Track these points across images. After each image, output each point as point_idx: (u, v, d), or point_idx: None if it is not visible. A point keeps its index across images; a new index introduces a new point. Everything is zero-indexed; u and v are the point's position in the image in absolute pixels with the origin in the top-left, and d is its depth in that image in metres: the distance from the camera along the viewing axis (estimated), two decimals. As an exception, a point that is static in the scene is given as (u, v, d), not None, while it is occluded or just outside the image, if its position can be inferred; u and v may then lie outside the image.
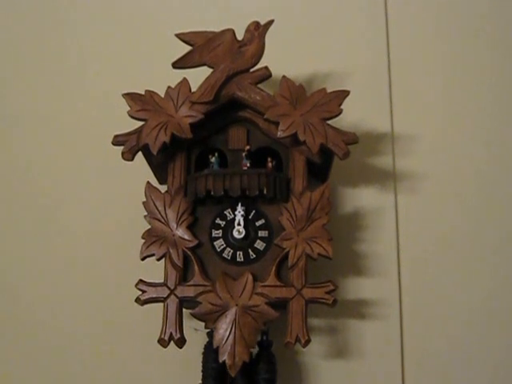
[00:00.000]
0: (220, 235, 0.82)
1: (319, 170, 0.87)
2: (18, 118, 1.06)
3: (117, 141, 0.82)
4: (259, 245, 0.81)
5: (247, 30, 0.86)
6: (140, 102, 0.83)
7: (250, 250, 0.81)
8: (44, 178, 1.02)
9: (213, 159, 0.84)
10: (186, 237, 0.81)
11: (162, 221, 0.82)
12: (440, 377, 0.92)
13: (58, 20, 1.11)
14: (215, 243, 0.82)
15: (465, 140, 1.01)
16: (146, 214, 0.82)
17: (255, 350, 0.81)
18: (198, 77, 0.84)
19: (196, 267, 0.80)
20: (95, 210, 0.99)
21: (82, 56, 1.08)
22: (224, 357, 0.76)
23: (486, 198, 0.98)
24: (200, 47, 0.85)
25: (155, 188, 0.83)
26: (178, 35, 0.85)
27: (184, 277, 0.80)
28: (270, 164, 0.83)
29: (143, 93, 0.84)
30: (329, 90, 0.84)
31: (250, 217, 0.82)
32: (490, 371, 0.92)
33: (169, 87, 0.84)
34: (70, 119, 1.04)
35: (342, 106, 0.82)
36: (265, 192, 0.80)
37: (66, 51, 1.08)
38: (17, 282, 0.97)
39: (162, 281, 0.80)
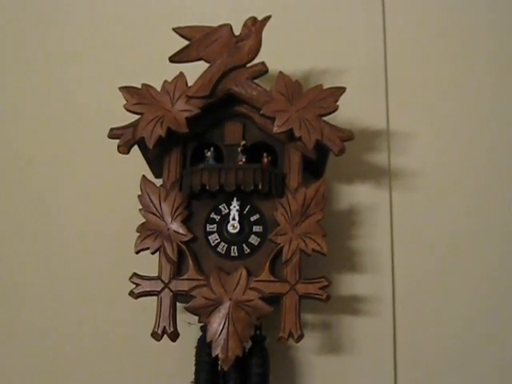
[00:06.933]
0: (215, 230, 0.82)
1: (315, 165, 0.88)
2: (13, 112, 1.05)
3: (113, 134, 0.82)
4: (253, 240, 0.82)
5: (244, 26, 0.86)
6: (136, 96, 0.83)
7: (244, 245, 0.81)
8: (39, 171, 1.02)
9: (208, 154, 0.84)
10: (181, 231, 0.81)
11: (157, 215, 0.82)
12: (432, 373, 0.92)
13: (55, 13, 1.10)
14: (210, 238, 0.82)
15: (460, 137, 1.01)
16: (140, 207, 0.82)
17: (248, 345, 0.81)
18: (194, 71, 0.84)
19: (190, 261, 0.80)
20: (90, 204, 0.99)
21: (80, 49, 1.08)
22: (217, 351, 0.77)
23: (481, 196, 0.98)
24: (197, 42, 0.85)
25: (150, 182, 0.83)
26: (175, 29, 0.85)
27: (178, 271, 0.80)
28: (265, 159, 0.83)
29: (140, 87, 0.84)
30: (325, 87, 0.84)
31: (245, 212, 0.83)
32: (484, 367, 0.92)
33: (165, 81, 0.84)
34: (67, 113, 1.04)
35: (338, 103, 0.83)
36: (260, 187, 0.80)
37: (63, 44, 1.08)
38: (10, 278, 0.97)
39: (156, 274, 0.80)
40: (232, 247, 0.81)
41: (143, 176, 0.84)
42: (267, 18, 0.86)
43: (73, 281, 0.96)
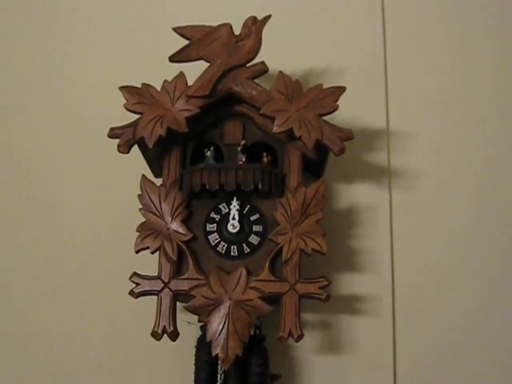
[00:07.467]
0: (214, 229, 0.82)
1: (314, 165, 0.88)
2: (13, 112, 1.05)
3: (113, 134, 0.82)
4: (253, 239, 0.82)
5: (244, 25, 0.86)
6: (136, 96, 0.83)
7: (244, 245, 0.81)
8: (39, 171, 1.02)
9: (208, 153, 0.84)
10: (181, 230, 0.81)
11: (157, 214, 0.82)
12: (432, 373, 0.92)
13: (55, 13, 1.10)
14: (210, 237, 0.82)
15: (460, 137, 1.01)
16: (140, 207, 0.82)
17: (248, 344, 0.81)
18: (194, 71, 0.84)
19: (190, 261, 0.80)
20: (90, 203, 0.99)
21: (80, 49, 1.08)
22: (217, 350, 0.77)
23: (481, 195, 0.98)
24: (197, 41, 0.85)
25: (150, 181, 0.83)
26: (175, 29, 0.86)
27: (178, 270, 0.80)
28: (265, 159, 0.83)
29: (140, 86, 0.84)
30: (325, 86, 0.84)
31: (245, 211, 0.83)
32: (484, 366, 0.92)
33: (165, 81, 0.84)
34: (67, 112, 1.04)
35: (337, 102, 0.83)
36: (260, 187, 0.81)
37: (63, 44, 1.08)
38: (10, 277, 0.97)
39: (156, 274, 0.80)
40: (232, 247, 0.81)
41: (143, 175, 0.84)
42: (267, 18, 0.86)
43: (72, 280, 0.96)
